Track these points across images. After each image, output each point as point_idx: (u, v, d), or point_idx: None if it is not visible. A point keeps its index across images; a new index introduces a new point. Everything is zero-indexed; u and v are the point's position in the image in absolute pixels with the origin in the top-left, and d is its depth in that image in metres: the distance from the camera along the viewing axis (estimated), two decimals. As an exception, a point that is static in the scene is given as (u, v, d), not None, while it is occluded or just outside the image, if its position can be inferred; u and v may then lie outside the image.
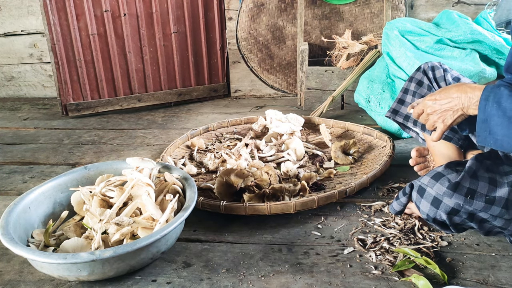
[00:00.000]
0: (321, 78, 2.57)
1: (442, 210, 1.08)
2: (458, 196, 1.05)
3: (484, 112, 1.04)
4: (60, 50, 2.61)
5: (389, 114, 1.60)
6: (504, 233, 1.11)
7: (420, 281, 1.09)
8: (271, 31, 2.83)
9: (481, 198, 1.04)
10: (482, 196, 1.04)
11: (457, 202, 1.06)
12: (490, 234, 1.13)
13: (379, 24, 2.75)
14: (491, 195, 1.04)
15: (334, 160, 1.84)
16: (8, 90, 3.32)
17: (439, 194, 1.08)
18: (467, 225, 1.12)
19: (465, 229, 1.16)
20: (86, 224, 1.31)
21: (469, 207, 1.05)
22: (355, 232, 1.37)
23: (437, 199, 1.08)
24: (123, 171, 1.42)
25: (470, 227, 1.13)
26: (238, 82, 3.03)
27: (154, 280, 1.19)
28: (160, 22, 2.77)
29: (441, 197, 1.07)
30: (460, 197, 1.05)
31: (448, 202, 1.07)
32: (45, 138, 2.40)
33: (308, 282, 1.15)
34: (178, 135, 2.31)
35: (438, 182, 1.08)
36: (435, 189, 1.08)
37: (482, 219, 1.08)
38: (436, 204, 1.09)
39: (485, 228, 1.11)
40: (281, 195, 1.50)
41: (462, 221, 1.10)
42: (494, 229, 1.11)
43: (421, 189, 1.12)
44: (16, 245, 1.11)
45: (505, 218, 1.05)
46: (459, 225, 1.12)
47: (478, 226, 1.10)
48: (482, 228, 1.11)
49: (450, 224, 1.11)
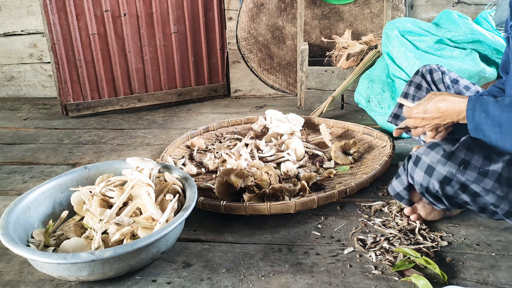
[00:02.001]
0: (321, 78, 2.57)
1: (435, 178, 1.10)
2: (451, 165, 1.08)
3: (473, 121, 1.08)
4: (60, 50, 2.61)
5: (391, 119, 1.67)
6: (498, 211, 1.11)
7: (420, 281, 1.09)
8: (271, 31, 2.83)
9: (475, 169, 1.06)
10: (476, 168, 1.06)
11: (450, 170, 1.08)
12: (485, 212, 1.14)
13: (379, 24, 2.75)
14: (485, 168, 1.06)
15: (334, 160, 1.85)
16: (8, 90, 3.32)
17: (433, 162, 1.10)
18: (460, 199, 1.13)
19: (458, 204, 1.17)
20: (86, 224, 1.31)
21: (462, 176, 1.07)
22: (355, 232, 1.37)
23: (431, 167, 1.11)
24: (123, 171, 1.42)
25: (463, 201, 1.14)
26: (238, 82, 3.03)
27: (154, 280, 1.19)
28: (160, 22, 2.77)
29: (435, 165, 1.10)
30: (453, 166, 1.08)
31: (441, 170, 1.09)
32: (45, 138, 2.40)
33: (308, 282, 1.15)
34: (178, 135, 2.31)
35: (433, 151, 1.11)
36: (429, 157, 1.11)
37: (475, 193, 1.09)
38: (429, 172, 1.11)
39: (479, 204, 1.12)
40: (281, 195, 1.50)
41: (455, 193, 1.11)
42: (488, 206, 1.11)
43: (417, 158, 1.14)
44: (16, 245, 1.11)
45: (498, 194, 1.06)
46: (452, 197, 1.13)
47: (471, 200, 1.11)
48: (476, 203, 1.12)
49: (442, 195, 1.13)
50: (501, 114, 1.04)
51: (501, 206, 1.08)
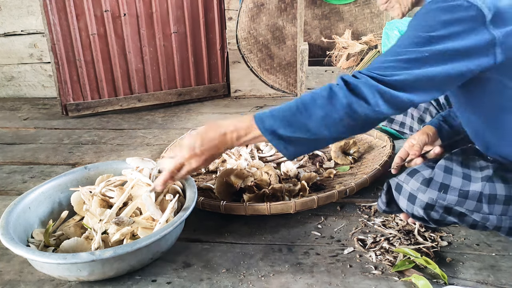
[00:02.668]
0: (321, 78, 2.57)
1: (418, 205, 1.10)
2: (431, 191, 1.07)
3: (267, 132, 1.04)
4: (60, 50, 2.61)
5: (386, 123, 1.69)
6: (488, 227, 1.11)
7: (420, 281, 1.09)
8: (271, 31, 2.83)
9: (455, 192, 1.06)
10: (456, 190, 1.06)
11: (430, 197, 1.08)
12: (476, 228, 1.13)
13: (379, 24, 2.75)
14: (465, 189, 1.05)
15: (334, 160, 1.84)
16: (8, 90, 3.32)
17: (414, 189, 1.10)
18: (448, 220, 1.13)
19: (448, 224, 1.16)
20: (86, 224, 1.31)
21: (443, 201, 1.07)
22: (355, 232, 1.37)
23: (413, 195, 1.10)
24: (123, 171, 1.42)
25: (452, 222, 1.14)
26: (238, 82, 3.03)
27: (154, 280, 1.19)
28: (160, 22, 2.77)
29: (416, 193, 1.10)
30: (433, 192, 1.07)
31: (422, 197, 1.09)
32: (45, 138, 2.40)
33: (308, 282, 1.15)
34: (178, 135, 2.31)
35: (413, 178, 1.11)
36: (410, 185, 1.11)
37: (461, 213, 1.09)
38: (412, 200, 1.11)
39: (468, 222, 1.11)
40: (281, 195, 1.50)
41: (441, 216, 1.11)
42: (478, 223, 1.10)
43: (398, 186, 1.14)
44: (16, 245, 1.11)
45: (483, 213, 1.06)
46: (439, 220, 1.13)
47: (459, 220, 1.11)
48: (464, 221, 1.11)
49: (429, 220, 1.13)
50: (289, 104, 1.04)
51: (488, 224, 1.08)
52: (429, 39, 0.96)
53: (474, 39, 0.94)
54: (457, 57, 0.95)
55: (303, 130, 1.02)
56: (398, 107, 0.99)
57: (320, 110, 1.00)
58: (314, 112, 1.01)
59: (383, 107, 0.97)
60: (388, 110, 0.98)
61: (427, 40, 0.96)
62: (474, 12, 0.93)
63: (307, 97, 1.04)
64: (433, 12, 0.97)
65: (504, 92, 1.02)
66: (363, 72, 1.00)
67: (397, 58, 0.98)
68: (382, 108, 0.97)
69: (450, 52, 0.95)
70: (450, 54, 0.95)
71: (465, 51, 0.95)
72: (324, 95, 1.01)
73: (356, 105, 0.97)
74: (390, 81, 0.96)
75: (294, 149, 1.06)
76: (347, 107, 0.98)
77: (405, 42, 0.99)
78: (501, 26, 0.93)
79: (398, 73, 0.96)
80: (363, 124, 1.01)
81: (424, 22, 0.98)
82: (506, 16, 0.94)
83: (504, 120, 1.07)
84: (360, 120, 0.99)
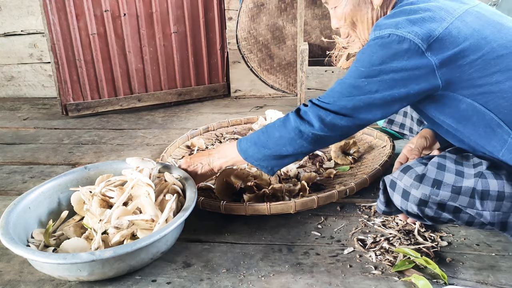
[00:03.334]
0: (321, 78, 2.57)
1: (411, 201, 1.11)
2: (424, 187, 1.08)
3: (242, 152, 1.33)
4: (60, 50, 2.61)
5: (385, 124, 1.71)
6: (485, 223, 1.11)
7: (420, 281, 1.09)
8: (271, 31, 2.83)
9: (448, 187, 1.07)
10: (449, 186, 1.07)
11: (423, 192, 1.08)
12: (472, 225, 1.13)
13: (379, 24, 2.74)
14: (457, 185, 1.06)
15: (334, 160, 1.85)
16: (8, 90, 3.32)
17: (407, 186, 1.11)
18: (442, 217, 1.13)
19: (444, 222, 1.17)
20: (86, 224, 1.31)
21: (436, 197, 1.07)
22: (355, 232, 1.37)
23: (406, 191, 1.11)
24: (123, 171, 1.42)
25: (447, 219, 1.14)
26: (238, 82, 3.03)
27: (154, 280, 1.19)
28: (160, 22, 2.77)
29: (409, 189, 1.11)
30: (426, 188, 1.08)
31: (415, 193, 1.10)
32: (45, 138, 2.40)
33: (308, 282, 1.15)
34: (178, 135, 2.31)
35: (406, 175, 1.12)
36: (403, 182, 1.12)
37: (455, 208, 1.09)
38: (405, 196, 1.12)
39: (464, 219, 1.11)
40: (281, 195, 1.50)
41: (435, 213, 1.11)
42: (474, 220, 1.11)
43: (392, 183, 1.15)
44: (16, 245, 1.11)
45: (477, 209, 1.06)
46: (434, 217, 1.13)
47: (454, 217, 1.11)
48: (459, 218, 1.11)
49: (423, 216, 1.13)
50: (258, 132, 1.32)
51: (482, 219, 1.08)
52: (369, 73, 1.10)
53: (411, 69, 1.05)
54: (396, 86, 1.09)
55: (265, 148, 1.28)
56: (336, 130, 1.19)
57: (277, 131, 1.26)
58: (272, 133, 1.27)
59: (325, 129, 1.18)
60: (329, 132, 1.19)
61: (367, 74, 1.10)
62: (406, 45, 1.04)
63: (271, 123, 1.30)
64: (371, 48, 1.09)
65: (461, 102, 1.09)
66: (313, 100, 1.21)
67: (341, 88, 1.16)
68: (324, 130, 1.18)
69: (388, 82, 1.08)
70: (388, 83, 1.09)
71: (403, 80, 1.08)
72: (281, 120, 1.27)
73: (302, 127, 1.21)
74: (330, 108, 1.17)
75: (266, 164, 1.31)
76: (295, 129, 1.22)
77: (349, 75, 1.15)
78: (439, 52, 1.03)
79: (338, 101, 1.16)
80: (314, 141, 1.22)
81: (365, 57, 1.11)
82: (443, 43, 1.03)
83: (472, 127, 1.11)
84: (309, 139, 1.21)
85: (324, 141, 1.23)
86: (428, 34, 1.03)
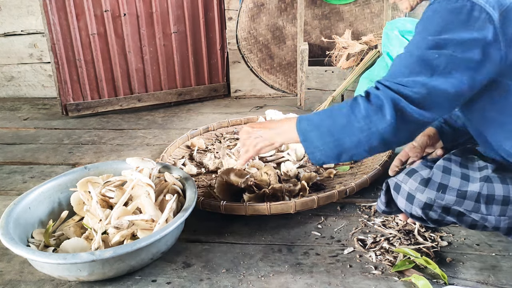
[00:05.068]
0: (321, 78, 2.57)
1: (416, 205, 1.10)
2: (430, 191, 1.07)
3: (301, 133, 1.11)
4: (60, 50, 2.61)
5: None
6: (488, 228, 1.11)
7: (420, 281, 1.09)
8: (271, 31, 2.83)
9: (453, 192, 1.06)
10: (454, 190, 1.06)
11: (429, 196, 1.07)
12: (476, 228, 1.13)
13: (379, 24, 2.75)
14: (463, 189, 1.05)
15: (334, 160, 1.84)
16: (8, 90, 3.32)
17: (412, 189, 1.10)
18: (446, 220, 1.13)
19: (447, 224, 1.16)
20: (86, 224, 1.31)
21: (441, 201, 1.07)
22: (355, 232, 1.37)
23: (411, 195, 1.10)
24: (122, 172, 1.42)
25: (451, 222, 1.14)
26: (238, 82, 3.03)
27: (154, 280, 1.19)
28: (160, 22, 2.77)
29: (414, 193, 1.09)
30: (431, 192, 1.07)
31: (420, 197, 1.08)
32: (45, 138, 2.40)
33: (308, 282, 1.15)
34: (178, 135, 2.31)
35: (411, 178, 1.10)
36: (408, 185, 1.10)
37: (460, 212, 1.09)
38: (410, 200, 1.11)
39: (467, 222, 1.11)
40: (281, 195, 1.50)
41: (439, 216, 1.11)
42: (477, 223, 1.10)
43: (397, 185, 1.14)
44: (16, 245, 1.11)
45: (482, 214, 1.05)
46: (438, 220, 1.13)
47: (458, 220, 1.11)
48: (463, 221, 1.11)
49: (427, 219, 1.13)
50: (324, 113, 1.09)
51: (487, 223, 1.08)
52: (438, 42, 0.96)
53: (481, 34, 0.94)
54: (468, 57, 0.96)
55: (328, 135, 1.06)
56: (411, 122, 1.00)
57: (344, 118, 1.04)
58: (338, 119, 1.05)
59: (400, 118, 0.98)
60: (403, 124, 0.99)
61: (436, 44, 0.97)
62: (477, 13, 0.94)
63: (337, 105, 1.09)
64: (439, 14, 0.98)
65: (509, 93, 1.03)
66: (382, 81, 1.02)
67: (411, 64, 0.99)
68: (400, 120, 0.98)
69: (459, 51, 0.95)
70: (460, 55, 0.96)
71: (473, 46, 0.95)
72: (348, 104, 1.05)
73: (374, 117, 1.00)
74: (406, 93, 0.98)
75: (319, 154, 1.09)
76: (365, 118, 1.00)
77: (416, 46, 1.01)
78: (508, 26, 0.94)
79: (414, 84, 0.98)
80: (381, 136, 1.01)
81: (431, 25, 0.99)
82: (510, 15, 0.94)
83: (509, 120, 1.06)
84: (377, 133, 1.01)
85: (399, 134, 1.02)
86: (499, 2, 0.94)
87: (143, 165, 1.41)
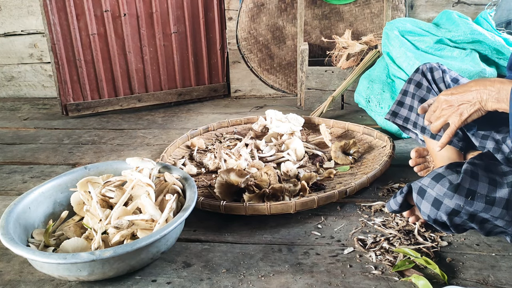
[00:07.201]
0: (321, 78, 2.57)
1: (442, 211, 1.08)
2: (459, 197, 1.05)
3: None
4: (60, 50, 2.61)
5: (389, 116, 1.60)
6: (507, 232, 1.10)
7: (420, 281, 1.09)
8: (271, 31, 2.83)
9: (482, 199, 1.04)
10: (483, 196, 1.04)
11: (457, 203, 1.05)
12: (491, 234, 1.13)
13: (379, 24, 2.75)
14: (491, 195, 1.04)
15: (334, 160, 1.84)
16: (8, 90, 3.32)
17: (440, 195, 1.07)
18: (467, 226, 1.12)
19: (466, 230, 1.16)
20: (86, 224, 1.31)
21: (470, 208, 1.05)
22: (355, 232, 1.37)
23: (438, 200, 1.08)
24: (122, 172, 1.42)
25: (471, 227, 1.13)
26: (238, 82, 3.03)
27: (154, 280, 1.19)
28: (160, 22, 2.77)
29: (442, 198, 1.07)
30: (460, 198, 1.05)
31: (448, 203, 1.06)
32: (45, 138, 2.40)
33: (308, 282, 1.15)
34: (178, 135, 2.31)
35: (438, 183, 1.08)
36: (435, 190, 1.08)
37: (483, 219, 1.08)
38: (436, 205, 1.08)
39: (486, 229, 1.11)
40: (281, 195, 1.50)
41: (463, 222, 1.10)
42: (495, 230, 1.10)
43: (421, 190, 1.11)
44: (16, 245, 1.11)
45: (506, 220, 1.05)
46: (459, 225, 1.12)
47: (479, 227, 1.10)
48: (483, 228, 1.10)
49: (450, 225, 1.11)
50: None
51: (509, 230, 1.07)
52: None
53: None
54: None
55: None
56: None
57: None
58: None
59: None
60: None
61: None
62: None
63: None
64: None
65: None
66: None
67: None
68: None
69: None
70: None
71: None
72: None
73: None
74: None
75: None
76: None
77: None
78: None
79: None
80: None
81: None
82: None
83: None
84: None
85: None
86: None
87: (143, 165, 1.41)
